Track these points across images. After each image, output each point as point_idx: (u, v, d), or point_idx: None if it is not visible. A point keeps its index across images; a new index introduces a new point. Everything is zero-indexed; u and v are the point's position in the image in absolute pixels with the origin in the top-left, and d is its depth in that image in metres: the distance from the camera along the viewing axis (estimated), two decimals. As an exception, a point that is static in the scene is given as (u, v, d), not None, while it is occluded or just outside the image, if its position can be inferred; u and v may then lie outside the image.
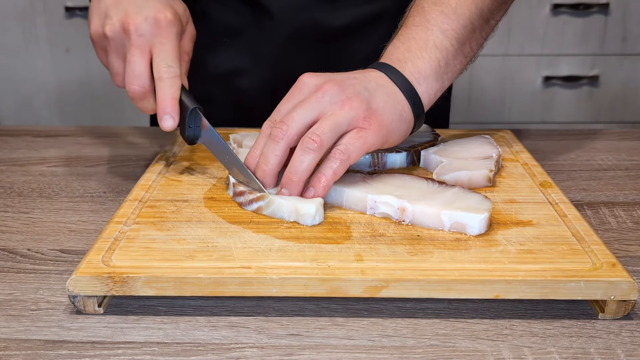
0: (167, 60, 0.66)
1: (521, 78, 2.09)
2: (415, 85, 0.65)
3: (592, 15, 2.03)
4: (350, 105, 0.60)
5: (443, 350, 0.48)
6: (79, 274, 0.51)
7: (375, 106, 0.62)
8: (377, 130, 0.61)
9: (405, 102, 0.64)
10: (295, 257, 0.54)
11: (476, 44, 0.70)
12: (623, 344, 0.49)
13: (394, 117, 0.63)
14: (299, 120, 0.60)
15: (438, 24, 0.67)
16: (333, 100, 0.61)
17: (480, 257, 0.54)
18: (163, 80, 0.66)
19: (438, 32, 0.67)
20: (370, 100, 0.62)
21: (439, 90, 0.68)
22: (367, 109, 0.61)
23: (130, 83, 0.66)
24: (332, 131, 0.59)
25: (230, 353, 0.48)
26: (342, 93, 0.61)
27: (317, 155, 0.59)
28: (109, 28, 0.66)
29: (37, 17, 2.02)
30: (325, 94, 0.61)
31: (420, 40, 0.67)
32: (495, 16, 0.71)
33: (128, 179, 0.79)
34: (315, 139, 0.59)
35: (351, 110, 0.60)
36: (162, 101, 0.66)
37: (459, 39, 0.67)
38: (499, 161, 0.72)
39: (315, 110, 0.60)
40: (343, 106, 0.60)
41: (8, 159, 0.86)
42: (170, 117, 0.66)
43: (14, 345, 0.49)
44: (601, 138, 0.93)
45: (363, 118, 0.60)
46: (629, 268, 0.58)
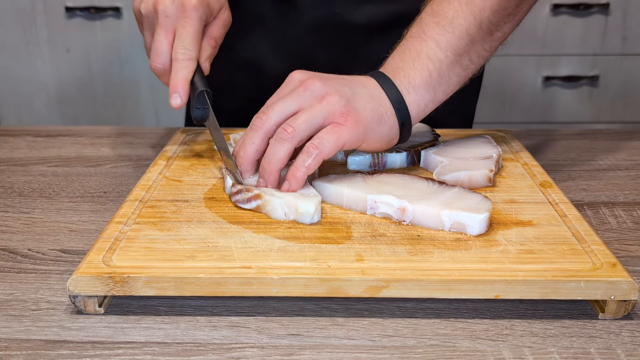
0: (185, 43, 0.70)
1: (521, 78, 2.09)
2: (404, 94, 0.66)
3: (592, 15, 2.03)
4: (329, 100, 0.62)
5: (443, 350, 0.48)
6: (80, 274, 0.51)
7: (355, 105, 0.63)
8: (353, 127, 0.62)
9: (390, 107, 0.65)
10: (296, 257, 0.54)
11: (477, 56, 0.70)
12: (623, 344, 0.49)
13: (374, 118, 0.63)
14: (278, 111, 0.62)
15: (433, 36, 0.68)
16: (313, 94, 0.62)
17: (481, 257, 0.54)
18: (178, 61, 0.70)
19: (432, 44, 0.67)
20: (351, 98, 0.63)
21: (431, 101, 0.68)
22: (346, 105, 0.62)
23: (153, 60, 0.71)
24: (307, 123, 0.61)
25: (230, 353, 0.48)
26: (323, 88, 0.62)
27: (289, 146, 0.61)
28: (143, 6, 0.72)
29: (38, 17, 2.02)
30: (307, 89, 0.62)
31: (415, 51, 0.68)
32: (502, 28, 0.70)
33: (128, 179, 0.79)
34: (288, 129, 0.60)
35: (328, 104, 0.61)
36: (173, 81, 0.70)
37: (454, 51, 0.68)
38: (499, 161, 0.72)
39: (295, 104, 0.62)
40: (321, 100, 0.62)
41: (8, 159, 0.86)
42: (179, 96, 0.70)
43: (14, 345, 0.49)
44: (601, 138, 0.93)
45: (340, 114, 0.61)
46: (629, 268, 0.58)
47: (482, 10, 0.68)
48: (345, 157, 0.74)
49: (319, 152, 0.61)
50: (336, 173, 0.68)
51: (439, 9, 0.69)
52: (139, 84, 2.10)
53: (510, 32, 0.72)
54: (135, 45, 2.04)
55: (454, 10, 0.68)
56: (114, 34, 2.04)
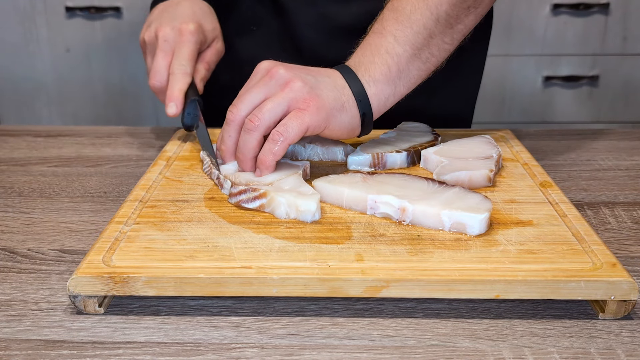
0: (182, 60, 0.79)
1: (521, 78, 2.09)
2: (366, 87, 0.68)
3: (592, 15, 2.03)
4: (292, 86, 0.64)
5: (443, 350, 0.48)
6: (80, 274, 0.51)
7: (318, 91, 0.65)
8: (315, 112, 0.64)
9: (352, 97, 0.67)
10: (296, 257, 0.54)
11: (437, 49, 0.71)
12: (623, 344, 0.49)
13: (335, 105, 0.66)
14: (247, 102, 0.66)
15: (392, 31, 0.70)
16: (278, 82, 0.65)
17: (481, 257, 0.54)
18: (174, 74, 0.78)
19: (391, 39, 0.69)
20: (314, 85, 0.65)
21: (392, 94, 0.70)
22: (309, 92, 0.64)
23: (152, 78, 0.80)
24: (271, 111, 0.64)
25: (230, 353, 0.48)
26: (286, 75, 0.65)
27: (257, 134, 0.65)
28: (147, 34, 0.82)
29: (38, 17, 2.02)
30: (272, 78, 0.66)
31: (375, 46, 0.70)
32: (463, 21, 0.71)
33: (128, 179, 0.79)
34: (254, 120, 0.64)
35: (291, 91, 0.64)
36: (170, 91, 0.78)
37: (413, 45, 0.69)
38: (499, 161, 0.72)
39: (262, 93, 0.66)
40: (284, 87, 0.65)
41: (8, 158, 0.86)
42: (174, 105, 0.77)
43: (14, 345, 0.49)
44: (601, 138, 0.93)
45: (302, 100, 0.64)
46: (629, 268, 0.58)
47: (439, 5, 0.69)
48: (345, 157, 0.74)
49: (284, 138, 0.63)
50: (336, 173, 0.68)
51: (398, 5, 0.71)
52: (139, 84, 2.10)
53: (474, 24, 0.73)
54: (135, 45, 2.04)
55: (411, 5, 0.70)
56: (114, 34, 2.04)
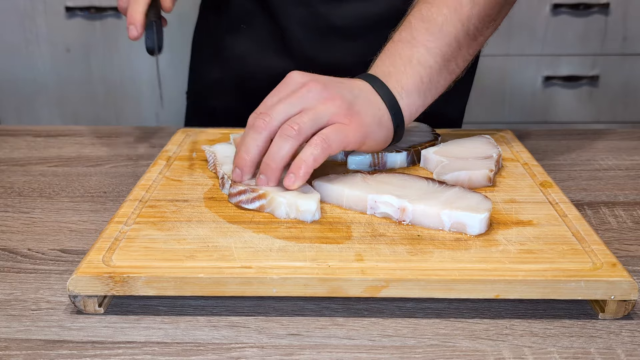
0: None
1: (521, 78, 2.09)
2: (398, 99, 0.67)
3: (592, 15, 2.03)
4: (333, 102, 0.62)
5: (443, 350, 0.48)
6: (80, 274, 0.51)
7: (357, 108, 0.64)
8: (357, 129, 0.63)
9: (386, 111, 0.66)
10: (296, 257, 0.54)
11: (462, 60, 0.72)
12: (623, 344, 0.49)
13: (374, 121, 0.65)
14: (282, 112, 0.62)
15: (423, 42, 0.69)
16: (316, 97, 0.63)
17: (481, 257, 0.54)
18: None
19: (423, 50, 0.68)
20: (352, 102, 0.64)
21: (421, 106, 0.69)
22: (349, 108, 0.63)
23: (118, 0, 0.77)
24: (312, 121, 0.61)
25: (230, 353, 0.48)
26: (325, 91, 0.63)
27: (295, 143, 0.61)
28: None
29: (38, 17, 2.02)
30: (310, 91, 0.63)
31: (405, 56, 0.69)
32: (484, 33, 0.73)
33: (128, 179, 0.79)
34: (294, 126, 0.60)
35: (333, 106, 0.62)
36: (129, 14, 0.74)
37: (443, 57, 0.69)
38: (499, 161, 0.72)
39: (299, 105, 0.62)
40: (325, 102, 0.62)
41: (8, 158, 0.86)
42: (134, 28, 0.74)
43: (14, 345, 0.49)
44: (601, 138, 0.93)
45: (344, 115, 0.62)
46: (629, 268, 0.58)
47: (470, 18, 0.70)
48: (345, 157, 0.74)
49: (328, 145, 0.61)
50: (336, 173, 0.68)
51: (428, 15, 0.70)
52: (139, 84, 2.10)
53: (490, 36, 0.75)
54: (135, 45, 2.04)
55: (443, 17, 0.69)
56: (114, 34, 2.04)
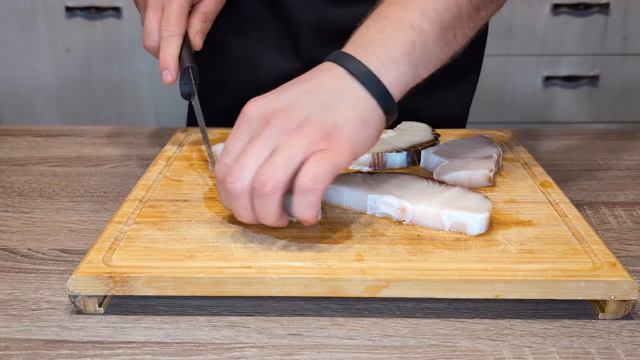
0: (170, 20, 0.73)
1: (521, 78, 2.09)
2: (383, 73, 0.56)
3: (593, 15, 2.03)
4: (302, 132, 0.53)
5: (443, 350, 0.48)
6: (80, 274, 0.51)
7: (332, 121, 0.54)
8: (342, 147, 0.53)
9: (369, 99, 0.56)
10: (296, 257, 0.54)
11: (462, 34, 0.61)
12: (623, 344, 0.49)
13: (356, 125, 0.55)
14: (249, 167, 0.53)
15: (418, 3, 0.59)
16: (283, 131, 0.53)
17: (481, 257, 0.54)
18: (163, 39, 0.73)
19: (417, 12, 0.58)
20: (325, 115, 0.54)
21: (413, 77, 0.58)
22: (323, 127, 0.53)
23: (144, 39, 0.74)
24: (286, 165, 0.52)
25: (230, 353, 0.48)
26: (291, 121, 0.53)
27: (275, 197, 0.52)
28: None
29: (38, 17, 2.02)
30: (274, 127, 0.53)
31: (396, 19, 0.58)
32: (487, 7, 0.64)
33: (128, 179, 0.79)
34: (265, 182, 0.52)
35: (304, 137, 0.53)
36: (161, 58, 0.72)
37: (441, 23, 0.59)
38: (499, 161, 0.72)
39: (267, 149, 0.53)
40: (294, 135, 0.53)
41: (8, 158, 0.86)
42: (168, 73, 0.72)
43: (14, 345, 0.49)
44: (601, 138, 0.93)
45: (321, 139, 0.53)
46: (629, 268, 0.58)
47: None
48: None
49: (317, 189, 0.52)
50: (336, 173, 0.67)
51: None
52: (139, 84, 2.10)
53: (492, 15, 0.66)
54: (135, 45, 2.04)
55: None
56: (114, 34, 2.04)
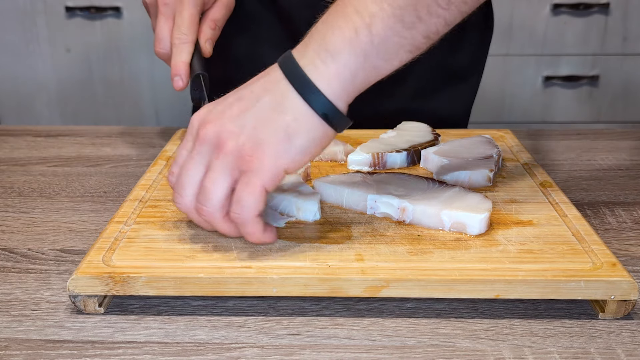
0: (182, 28, 0.75)
1: (521, 78, 2.09)
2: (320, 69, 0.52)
3: (592, 15, 2.03)
4: (225, 149, 0.52)
5: (443, 350, 0.48)
6: (80, 274, 0.51)
7: (255, 135, 0.52)
8: (261, 166, 0.51)
9: (300, 105, 0.52)
10: (296, 257, 0.54)
11: (427, 12, 0.52)
12: (623, 344, 0.49)
13: (280, 139, 0.52)
14: (188, 185, 0.54)
15: None
16: (210, 147, 0.53)
17: (481, 256, 0.54)
18: (175, 46, 0.75)
19: None
20: (248, 131, 0.52)
21: (362, 68, 0.52)
22: (244, 144, 0.52)
23: (156, 46, 0.76)
24: (215, 191, 0.52)
25: (230, 353, 0.48)
26: (216, 136, 0.53)
27: (219, 217, 0.53)
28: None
29: (38, 17, 2.02)
30: (203, 143, 0.53)
31: (341, 5, 0.53)
32: None
33: (128, 179, 0.79)
34: (202, 211, 0.53)
35: (226, 155, 0.52)
36: (173, 65, 0.74)
37: (392, 3, 0.51)
38: (499, 161, 0.72)
39: (200, 166, 0.54)
40: (219, 154, 0.52)
41: (8, 158, 0.86)
42: (180, 79, 0.73)
43: (14, 344, 0.49)
44: (601, 138, 0.93)
45: (242, 158, 0.52)
46: (629, 268, 0.58)
47: None
48: (345, 157, 0.74)
49: (246, 214, 0.52)
50: (336, 173, 0.68)
51: None
52: (139, 84, 2.10)
53: None
54: (135, 45, 2.04)
55: None
56: (114, 34, 2.04)
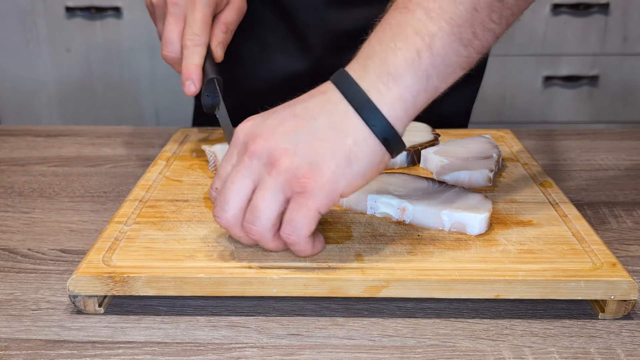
0: (194, 29, 0.70)
1: (521, 78, 2.09)
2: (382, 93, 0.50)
3: (592, 15, 2.03)
4: (279, 168, 0.50)
5: (443, 350, 0.48)
6: (80, 274, 0.51)
7: (312, 157, 0.50)
8: (318, 189, 0.49)
9: (361, 128, 0.50)
10: (296, 257, 0.54)
11: (481, 27, 0.52)
12: (623, 344, 0.49)
13: (339, 163, 0.50)
14: (233, 201, 0.52)
15: (421, 2, 0.51)
16: (261, 162, 0.51)
17: (481, 257, 0.54)
18: (187, 48, 0.70)
19: (420, 13, 0.51)
20: (305, 151, 0.50)
21: (424, 90, 0.51)
22: (299, 166, 0.50)
23: (164, 49, 0.72)
24: (267, 210, 0.50)
25: (230, 353, 0.48)
26: (269, 152, 0.50)
27: (269, 237, 0.52)
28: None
29: (38, 17, 2.02)
30: (253, 158, 0.51)
31: (397, 25, 0.51)
32: None
33: (128, 179, 0.79)
34: (252, 230, 0.51)
35: (279, 174, 0.50)
36: (185, 68, 0.70)
37: (450, 21, 0.50)
38: (499, 161, 0.72)
39: (247, 180, 0.51)
40: (271, 171, 0.50)
41: (9, 158, 0.86)
42: (192, 83, 0.70)
43: (14, 345, 0.49)
44: (601, 138, 0.93)
45: (297, 179, 0.50)
46: (629, 268, 0.58)
47: None
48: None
49: (298, 235, 0.50)
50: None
51: None
52: (139, 84, 2.10)
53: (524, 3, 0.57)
54: (135, 45, 2.04)
55: None
56: (114, 34, 2.04)
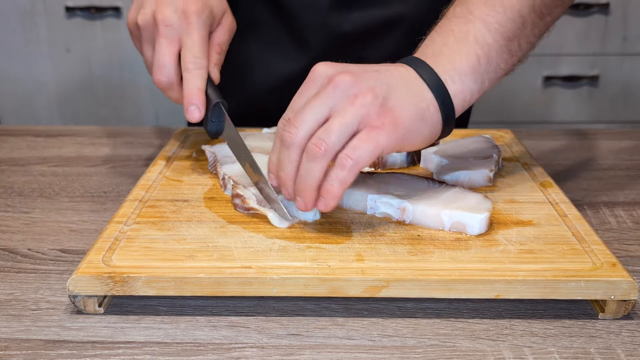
0: (194, 52, 0.66)
1: (521, 78, 2.09)
2: (449, 84, 0.58)
3: (592, 15, 2.03)
4: (362, 100, 0.54)
5: (443, 350, 0.48)
6: (80, 274, 0.51)
7: (392, 102, 0.55)
8: (392, 130, 0.54)
9: (433, 101, 0.57)
10: (296, 257, 0.54)
11: (525, 41, 0.62)
12: (623, 344, 0.49)
13: (414, 117, 0.56)
14: (308, 121, 0.55)
15: (481, 16, 0.60)
16: (344, 94, 0.54)
17: (481, 257, 0.54)
18: (189, 71, 0.66)
19: (480, 25, 0.60)
20: (387, 95, 0.55)
21: (477, 91, 0.60)
22: (382, 105, 0.54)
23: (156, 74, 0.67)
24: (340, 132, 0.53)
25: (230, 353, 0.48)
26: (354, 86, 0.54)
27: (323, 162, 0.54)
28: (141, 18, 0.67)
29: (38, 17, 2.02)
30: (337, 88, 0.55)
31: (460, 32, 0.60)
32: (552, 12, 0.64)
33: (128, 179, 0.79)
34: (320, 145, 0.53)
35: (362, 106, 0.54)
36: (188, 92, 0.66)
37: (504, 34, 0.60)
38: (499, 161, 0.72)
39: (325, 107, 0.55)
40: (354, 101, 0.54)
41: (8, 158, 0.86)
42: (197, 108, 0.66)
43: (14, 345, 0.49)
44: (601, 138, 0.93)
45: (376, 116, 0.54)
46: (629, 268, 0.58)
47: None
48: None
49: (355, 163, 0.53)
50: (336, 173, 0.67)
51: None
52: (139, 84, 2.10)
53: (558, 18, 0.66)
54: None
55: None
56: (114, 34, 2.04)
